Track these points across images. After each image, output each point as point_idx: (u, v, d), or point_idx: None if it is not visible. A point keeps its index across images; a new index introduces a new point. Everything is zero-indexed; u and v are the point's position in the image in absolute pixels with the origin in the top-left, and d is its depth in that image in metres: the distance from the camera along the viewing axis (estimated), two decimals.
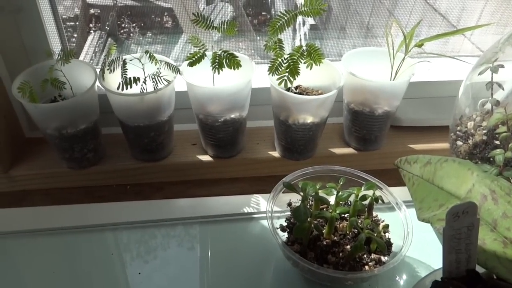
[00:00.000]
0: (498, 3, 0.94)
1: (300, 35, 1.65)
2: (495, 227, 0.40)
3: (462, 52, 0.98)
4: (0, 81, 0.71)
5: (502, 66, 0.58)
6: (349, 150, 0.79)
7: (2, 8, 0.66)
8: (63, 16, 0.74)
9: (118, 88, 0.63)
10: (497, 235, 0.39)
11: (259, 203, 0.71)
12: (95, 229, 0.67)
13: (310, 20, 1.73)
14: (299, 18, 0.66)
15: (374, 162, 0.79)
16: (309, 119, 0.70)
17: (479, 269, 0.38)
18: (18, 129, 0.77)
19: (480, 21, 0.97)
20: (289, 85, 0.67)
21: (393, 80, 0.72)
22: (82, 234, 0.66)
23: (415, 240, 0.55)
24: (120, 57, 0.65)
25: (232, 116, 0.71)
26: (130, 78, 0.63)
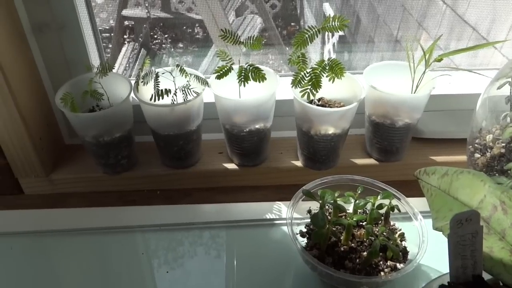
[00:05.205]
0: None
1: (326, 48, 1.68)
2: (503, 236, 0.42)
3: (491, 64, 0.98)
4: (44, 93, 0.77)
5: None
6: (370, 161, 0.81)
7: (47, 25, 0.72)
8: (99, 28, 0.79)
9: (150, 99, 0.68)
10: (505, 244, 0.41)
11: (281, 210, 0.74)
12: (127, 230, 0.72)
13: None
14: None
15: (396, 173, 0.80)
16: (331, 130, 0.73)
17: (486, 275, 0.40)
18: (59, 136, 0.84)
19: (510, 33, 0.97)
20: (311, 97, 0.70)
21: (414, 93, 0.73)
22: (114, 235, 0.71)
23: (432, 249, 0.57)
24: (153, 70, 0.70)
25: (257, 126, 0.74)
26: (162, 90, 0.68)
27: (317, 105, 0.75)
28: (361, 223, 0.62)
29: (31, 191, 0.80)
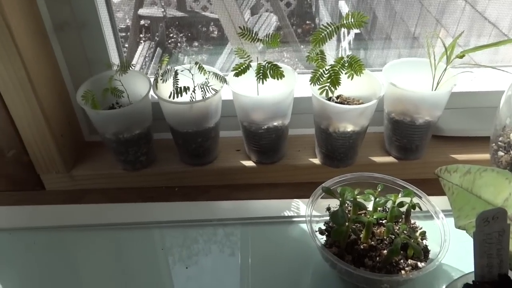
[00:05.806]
0: None
1: (342, 46, 1.67)
2: None
3: None
4: (66, 91, 0.78)
5: None
6: (389, 159, 0.80)
7: (68, 24, 0.73)
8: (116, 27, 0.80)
9: (169, 97, 0.68)
10: None
11: (299, 207, 0.74)
12: (146, 226, 0.73)
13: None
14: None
15: (415, 171, 0.80)
16: (349, 128, 0.72)
17: None
18: (79, 134, 0.85)
19: None
20: (330, 94, 0.69)
21: (435, 90, 0.72)
22: (133, 230, 0.72)
23: (453, 248, 0.56)
24: (172, 68, 0.71)
25: (275, 124, 0.74)
26: (181, 88, 0.68)
27: (336, 102, 0.74)
28: (381, 221, 0.62)
29: (52, 187, 0.81)
